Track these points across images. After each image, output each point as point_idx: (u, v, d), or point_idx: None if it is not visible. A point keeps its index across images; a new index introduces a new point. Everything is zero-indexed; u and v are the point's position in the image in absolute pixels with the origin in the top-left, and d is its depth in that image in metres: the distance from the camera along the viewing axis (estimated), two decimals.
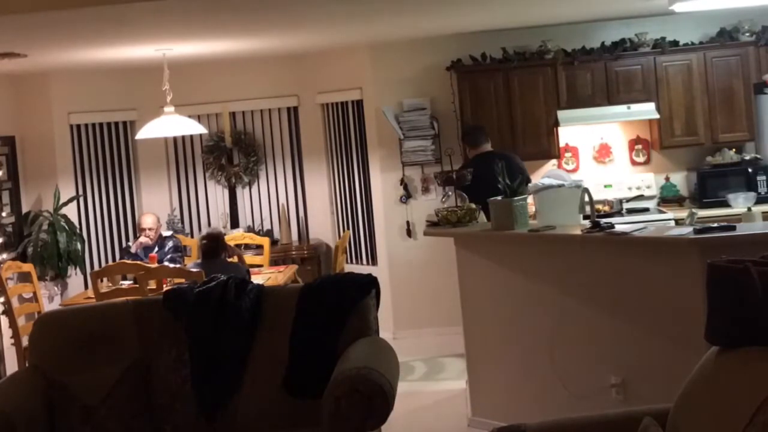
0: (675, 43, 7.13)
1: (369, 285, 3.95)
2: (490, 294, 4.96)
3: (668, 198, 7.29)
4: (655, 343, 4.23)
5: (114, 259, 7.83)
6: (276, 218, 8.19)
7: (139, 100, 7.80)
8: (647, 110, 7.03)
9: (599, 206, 6.73)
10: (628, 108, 7.05)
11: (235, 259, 6.29)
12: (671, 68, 7.08)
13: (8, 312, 5.97)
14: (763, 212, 6.20)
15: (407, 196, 7.54)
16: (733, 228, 4.06)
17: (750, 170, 6.85)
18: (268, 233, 7.98)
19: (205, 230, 7.53)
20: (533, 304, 4.73)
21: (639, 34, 7.12)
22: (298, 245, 7.97)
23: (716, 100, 7.04)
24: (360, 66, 7.69)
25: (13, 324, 5.93)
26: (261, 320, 3.91)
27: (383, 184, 7.61)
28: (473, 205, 5.33)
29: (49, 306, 6.93)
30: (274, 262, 7.33)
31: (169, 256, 6.70)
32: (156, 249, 6.78)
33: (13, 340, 6.00)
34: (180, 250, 6.82)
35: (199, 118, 7.51)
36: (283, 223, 8.03)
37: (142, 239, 6.81)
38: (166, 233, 7.06)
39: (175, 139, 8.08)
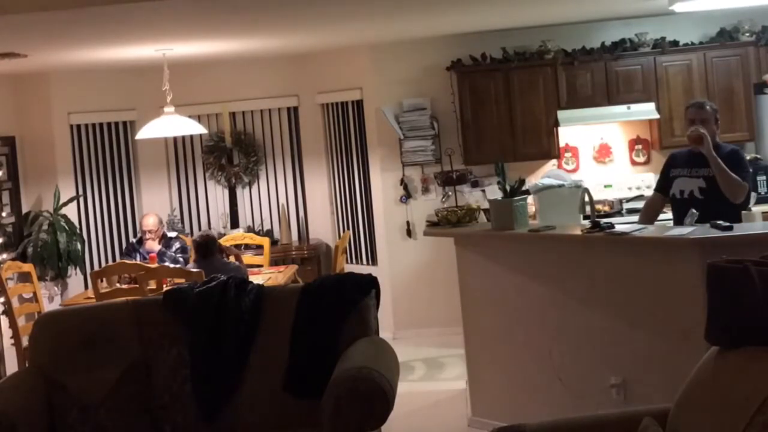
0: (675, 43, 7.13)
1: (369, 285, 3.95)
2: (490, 294, 4.96)
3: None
4: (655, 343, 4.23)
5: (114, 259, 7.83)
6: (276, 218, 8.19)
7: (139, 100, 7.80)
8: (647, 110, 7.03)
9: (599, 206, 6.73)
10: (628, 108, 7.05)
11: (232, 258, 6.29)
12: (671, 68, 7.08)
13: (8, 312, 5.97)
14: (763, 212, 6.18)
15: (407, 196, 7.54)
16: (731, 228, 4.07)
17: (750, 170, 6.84)
18: (268, 233, 7.98)
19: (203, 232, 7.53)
20: (533, 304, 4.73)
21: (639, 34, 7.12)
22: (298, 245, 7.97)
23: (716, 100, 7.01)
24: (360, 66, 7.69)
25: (13, 324, 5.93)
26: (261, 320, 3.91)
27: (383, 184, 7.61)
28: (473, 205, 5.34)
29: (49, 306, 6.93)
30: (274, 262, 7.33)
31: (178, 257, 6.71)
32: (164, 249, 6.79)
33: (13, 340, 6.00)
34: (186, 252, 6.83)
35: (199, 118, 7.51)
36: (283, 223, 8.03)
37: (149, 243, 6.79)
38: (171, 234, 7.07)
39: (175, 139, 8.08)
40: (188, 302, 3.97)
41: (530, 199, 5.15)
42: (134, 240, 7.19)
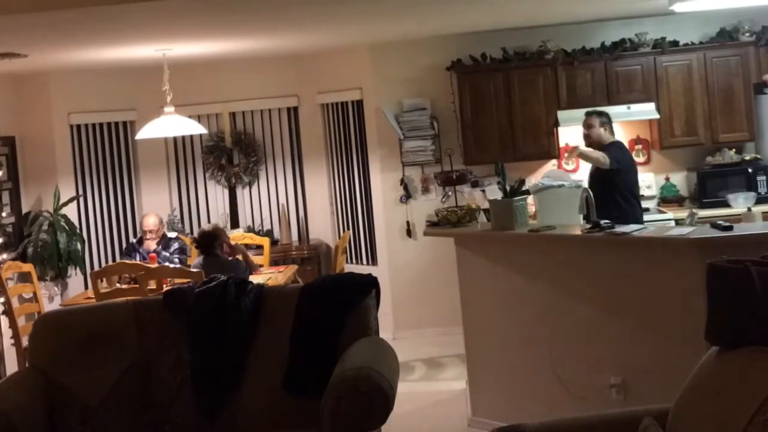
0: (675, 43, 7.13)
1: (369, 285, 3.94)
2: (490, 294, 4.96)
3: (668, 198, 7.30)
4: (655, 343, 4.24)
5: (114, 259, 7.83)
6: (276, 218, 8.19)
7: (139, 100, 7.80)
8: (647, 110, 7.03)
9: None
10: (628, 108, 7.05)
11: (240, 257, 6.29)
12: (671, 68, 7.08)
13: (8, 312, 5.97)
14: (763, 212, 6.19)
15: (407, 196, 7.55)
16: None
17: (750, 170, 6.85)
18: (268, 233, 7.98)
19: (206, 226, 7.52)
20: (533, 304, 4.73)
21: (639, 34, 7.12)
22: (298, 245, 7.98)
23: (716, 100, 7.04)
24: (360, 66, 7.69)
25: (13, 324, 5.93)
26: (261, 320, 3.91)
27: (383, 184, 7.61)
28: (473, 205, 5.33)
29: (49, 306, 6.93)
30: (274, 262, 7.33)
31: (176, 257, 6.71)
32: (161, 249, 6.79)
33: (13, 340, 6.00)
34: (185, 252, 6.83)
35: (199, 118, 7.51)
36: (283, 223, 8.03)
37: (147, 243, 6.80)
38: (171, 234, 7.07)
39: (175, 139, 8.08)
40: (188, 302, 3.97)
41: (530, 199, 5.14)
42: (134, 240, 7.19)
